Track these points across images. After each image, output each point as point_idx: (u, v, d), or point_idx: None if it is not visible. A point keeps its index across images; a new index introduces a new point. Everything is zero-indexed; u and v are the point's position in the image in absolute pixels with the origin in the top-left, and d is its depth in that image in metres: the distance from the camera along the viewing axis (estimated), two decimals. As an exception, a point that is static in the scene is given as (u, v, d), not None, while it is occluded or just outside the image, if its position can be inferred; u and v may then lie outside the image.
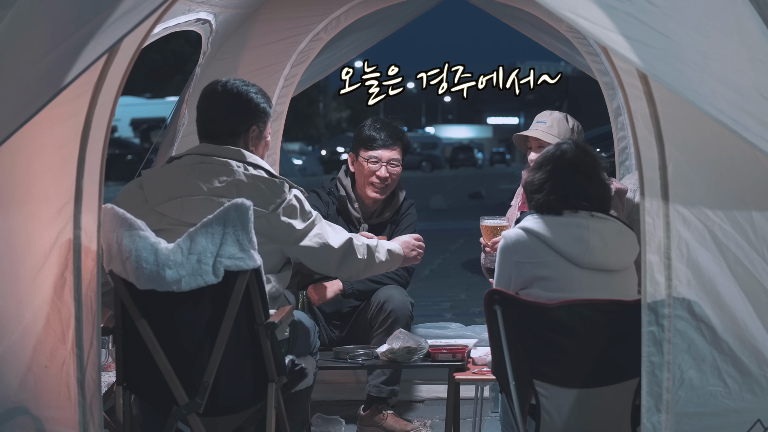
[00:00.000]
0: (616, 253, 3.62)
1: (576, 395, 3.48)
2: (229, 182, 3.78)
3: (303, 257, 3.91)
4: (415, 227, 5.25)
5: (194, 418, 3.59)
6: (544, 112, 4.92)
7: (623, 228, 3.67)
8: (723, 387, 3.07)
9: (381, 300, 4.98)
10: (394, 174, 5.10)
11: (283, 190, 3.82)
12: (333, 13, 5.68)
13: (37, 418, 3.27)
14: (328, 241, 3.91)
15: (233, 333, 3.57)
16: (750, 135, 2.75)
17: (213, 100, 3.95)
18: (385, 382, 5.11)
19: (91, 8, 3.01)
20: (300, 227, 3.85)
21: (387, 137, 5.08)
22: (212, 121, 3.93)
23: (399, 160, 5.11)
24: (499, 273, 3.72)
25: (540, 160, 3.77)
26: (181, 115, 5.38)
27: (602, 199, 3.70)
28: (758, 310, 3.05)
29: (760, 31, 2.97)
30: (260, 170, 3.85)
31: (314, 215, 3.92)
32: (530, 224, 3.65)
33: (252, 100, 3.94)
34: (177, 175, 3.82)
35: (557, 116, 4.82)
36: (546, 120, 4.82)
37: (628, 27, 2.79)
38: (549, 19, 5.63)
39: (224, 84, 3.96)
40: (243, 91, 3.94)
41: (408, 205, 5.28)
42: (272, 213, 3.79)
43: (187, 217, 3.71)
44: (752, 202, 3.06)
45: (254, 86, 4.00)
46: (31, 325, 3.27)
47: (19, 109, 2.91)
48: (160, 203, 3.78)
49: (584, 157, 3.73)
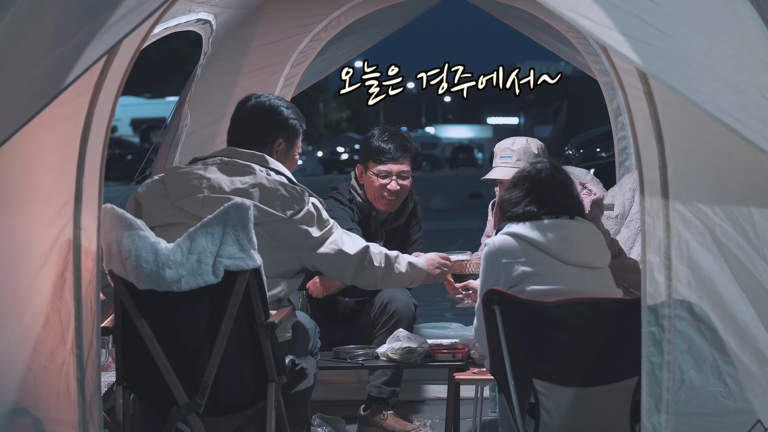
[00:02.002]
0: (598, 251, 3.76)
1: (575, 394, 3.48)
2: (250, 184, 3.83)
3: (320, 264, 3.96)
4: (420, 225, 5.29)
5: (194, 418, 3.59)
6: (505, 144, 4.77)
7: (597, 230, 3.83)
8: (723, 387, 3.07)
9: (384, 300, 4.97)
10: (404, 186, 5.04)
11: (303, 199, 3.86)
12: (333, 13, 5.69)
13: (37, 419, 3.26)
14: (344, 249, 3.95)
15: (233, 333, 3.57)
16: (751, 134, 2.75)
17: (244, 110, 4.05)
18: (386, 383, 5.11)
19: (92, 9, 3.01)
20: (317, 234, 3.89)
21: (396, 150, 4.98)
22: (241, 129, 4.03)
23: (409, 172, 5.04)
24: (484, 279, 3.74)
25: (515, 179, 3.86)
26: (184, 115, 5.38)
27: (577, 212, 3.82)
28: (758, 310, 3.05)
29: (760, 31, 2.96)
30: (282, 176, 3.90)
31: (331, 223, 3.96)
32: (515, 229, 3.72)
33: (282, 114, 4.04)
34: (200, 173, 3.86)
35: (520, 147, 4.69)
36: (510, 155, 4.70)
37: (629, 26, 2.79)
38: (549, 19, 5.63)
39: (258, 96, 4.07)
40: (274, 104, 4.05)
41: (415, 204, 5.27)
42: (290, 219, 3.83)
43: (206, 214, 3.71)
44: (752, 201, 3.06)
45: (287, 102, 4.11)
46: (30, 325, 3.27)
47: (20, 110, 2.91)
48: (181, 198, 3.82)
49: (558, 175, 3.84)
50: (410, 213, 5.23)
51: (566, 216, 3.75)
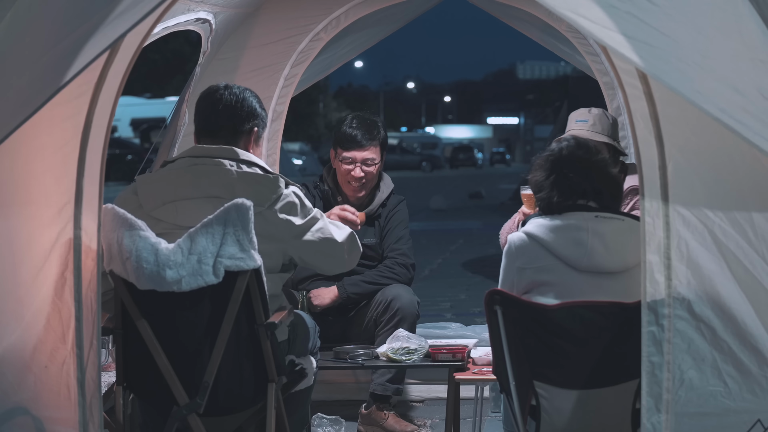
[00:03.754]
0: (618, 254, 3.55)
1: (576, 396, 3.48)
2: (222, 182, 3.74)
3: (306, 254, 3.83)
4: (406, 224, 5.22)
5: (194, 418, 3.59)
6: (581, 111, 4.76)
7: (632, 226, 3.54)
8: (723, 387, 3.07)
9: (388, 298, 4.97)
10: (369, 173, 5.08)
11: (278, 185, 3.76)
12: (333, 13, 5.69)
13: (37, 419, 3.27)
14: (333, 236, 3.86)
15: (233, 333, 3.57)
16: (751, 134, 2.75)
17: (215, 101, 3.92)
18: (390, 380, 5.12)
19: (91, 7, 3.01)
20: (299, 223, 3.79)
21: (362, 137, 5.04)
22: (216, 119, 3.90)
23: (374, 159, 5.08)
24: (503, 276, 3.71)
25: (540, 160, 3.75)
26: (182, 115, 5.39)
27: (601, 194, 3.64)
28: (758, 310, 3.05)
29: (760, 31, 2.96)
30: (255, 167, 3.81)
31: (315, 211, 3.87)
32: (531, 228, 3.65)
33: (253, 102, 3.95)
34: (170, 179, 3.79)
35: (598, 112, 4.68)
36: (586, 119, 4.69)
37: (628, 26, 2.79)
38: (549, 19, 5.63)
39: (226, 86, 3.97)
40: (247, 96, 3.95)
41: (397, 201, 5.22)
42: (269, 210, 3.73)
43: (182, 221, 3.69)
44: (752, 202, 3.05)
45: (251, 90, 4.01)
46: (31, 325, 3.27)
47: (18, 108, 2.91)
48: (155, 208, 3.75)
49: (578, 151, 3.69)
50: (394, 211, 5.19)
51: (589, 207, 3.59)
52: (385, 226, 5.17)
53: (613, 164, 3.78)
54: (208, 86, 4.02)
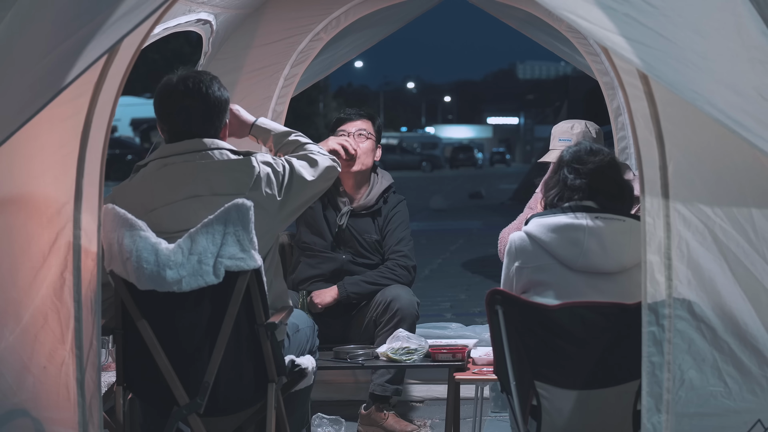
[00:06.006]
0: (616, 255, 3.55)
1: (577, 397, 3.48)
2: (198, 179, 3.69)
3: (291, 204, 3.81)
4: (407, 225, 5.22)
5: (194, 419, 3.59)
6: (564, 127, 4.77)
7: (632, 227, 3.54)
8: (723, 387, 3.06)
9: (388, 299, 4.97)
10: (364, 149, 5.12)
11: (252, 165, 3.70)
12: (333, 13, 5.69)
13: (36, 419, 3.26)
14: (304, 176, 3.82)
15: (233, 333, 3.57)
16: (750, 135, 2.75)
17: (175, 100, 3.75)
18: (389, 381, 5.12)
19: (92, 8, 3.01)
20: (280, 199, 3.74)
21: (354, 114, 5.24)
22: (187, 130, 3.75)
23: (367, 131, 5.15)
24: (504, 274, 3.73)
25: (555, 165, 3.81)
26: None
27: (602, 195, 3.65)
28: (758, 310, 3.05)
29: (760, 31, 2.96)
30: (224, 152, 3.74)
31: (282, 164, 3.80)
32: (531, 228, 3.67)
33: (221, 96, 3.78)
34: (145, 186, 3.74)
35: (580, 130, 4.68)
36: (569, 138, 4.71)
37: (627, 28, 2.79)
38: (549, 19, 5.63)
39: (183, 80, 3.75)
40: (211, 91, 3.75)
41: (397, 201, 5.23)
42: (252, 192, 3.69)
43: (167, 226, 3.65)
44: (752, 201, 3.05)
45: (209, 74, 3.81)
46: (30, 326, 3.27)
47: (19, 109, 2.91)
48: (139, 218, 3.67)
49: (582, 154, 3.71)
50: (394, 211, 5.18)
51: (588, 208, 3.61)
52: (386, 226, 5.16)
53: (616, 166, 3.78)
54: (165, 82, 3.81)
